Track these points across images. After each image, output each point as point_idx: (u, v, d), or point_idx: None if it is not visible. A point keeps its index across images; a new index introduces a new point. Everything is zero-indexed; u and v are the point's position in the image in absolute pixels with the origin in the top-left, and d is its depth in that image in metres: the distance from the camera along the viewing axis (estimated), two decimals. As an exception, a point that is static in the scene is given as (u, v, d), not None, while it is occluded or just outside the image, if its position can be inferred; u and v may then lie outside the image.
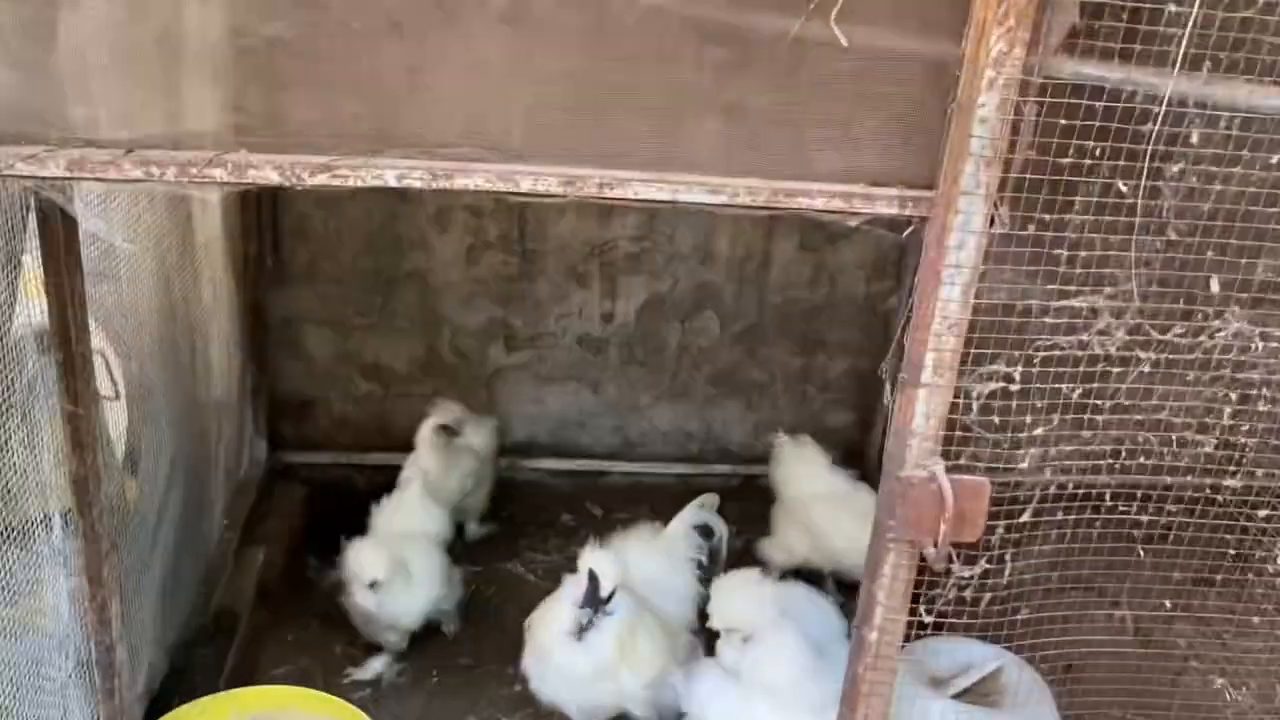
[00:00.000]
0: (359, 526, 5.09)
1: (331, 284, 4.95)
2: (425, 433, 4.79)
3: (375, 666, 4.23)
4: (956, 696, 3.16)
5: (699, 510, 4.26)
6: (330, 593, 4.74)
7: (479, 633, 4.48)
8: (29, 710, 2.62)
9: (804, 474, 4.70)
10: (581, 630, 3.40)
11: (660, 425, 5.25)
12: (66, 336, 2.65)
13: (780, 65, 1.92)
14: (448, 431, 4.80)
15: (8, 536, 2.51)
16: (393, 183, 1.89)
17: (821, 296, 5.22)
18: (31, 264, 2.58)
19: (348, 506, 5.21)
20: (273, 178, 1.87)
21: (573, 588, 3.45)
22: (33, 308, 2.64)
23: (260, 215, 4.66)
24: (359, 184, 1.89)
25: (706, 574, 4.12)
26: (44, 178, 1.84)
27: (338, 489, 5.25)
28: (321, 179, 1.87)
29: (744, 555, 4.99)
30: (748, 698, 3.22)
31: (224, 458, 4.47)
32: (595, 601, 3.37)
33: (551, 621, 3.51)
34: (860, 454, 5.44)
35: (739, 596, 3.37)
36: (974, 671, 3.21)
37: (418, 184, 1.89)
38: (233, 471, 4.71)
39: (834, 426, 5.40)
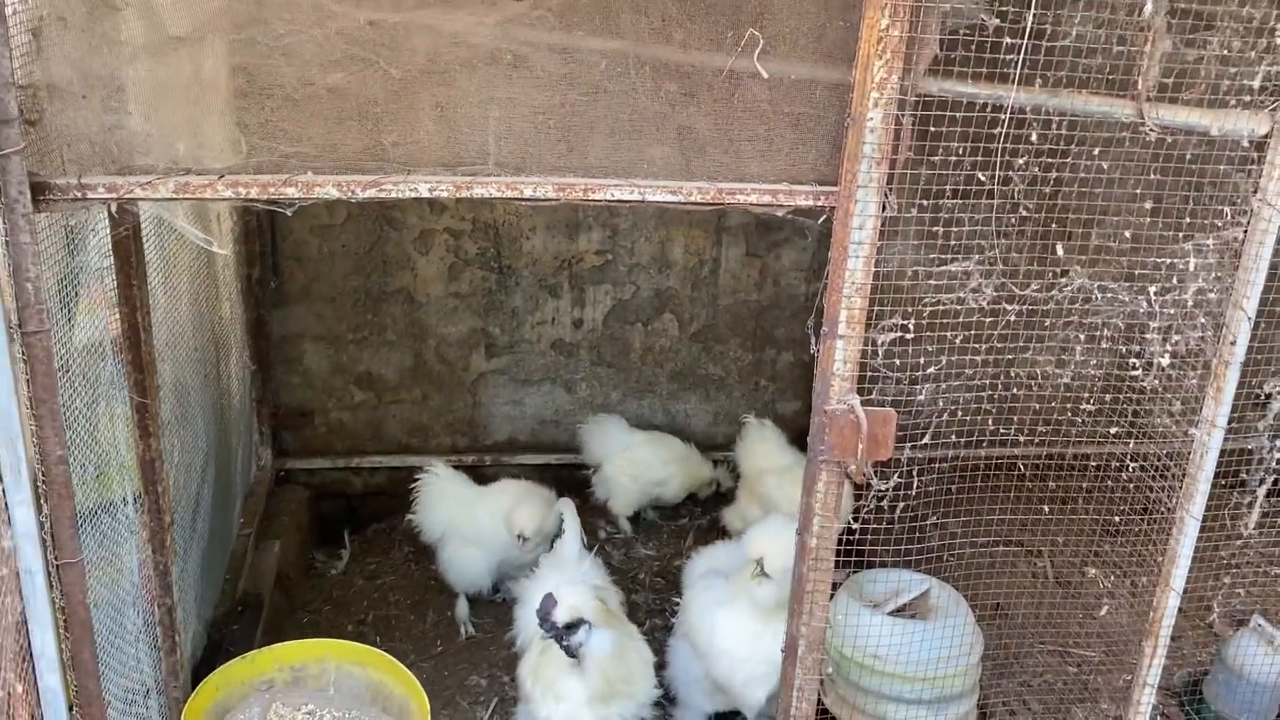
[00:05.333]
0: (357, 523, 5.66)
1: (326, 303, 5.47)
2: None
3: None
4: (891, 615, 3.74)
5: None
6: (336, 582, 5.27)
7: (477, 606, 5.01)
8: (116, 654, 3.11)
9: (760, 451, 5.30)
10: (573, 654, 3.59)
11: (628, 419, 5.80)
12: (135, 339, 3.17)
13: (718, 94, 2.52)
14: None
15: (103, 508, 3.02)
16: (425, 193, 2.46)
17: (767, 297, 5.84)
18: (87, 291, 3.11)
19: (346, 506, 5.77)
20: (333, 193, 2.43)
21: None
22: (97, 323, 3.16)
23: (262, 242, 5.18)
24: (399, 195, 2.45)
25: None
26: (156, 199, 2.39)
27: (336, 491, 5.77)
28: (371, 193, 2.44)
29: (710, 528, 5.60)
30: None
31: (240, 461, 4.97)
32: (554, 629, 3.55)
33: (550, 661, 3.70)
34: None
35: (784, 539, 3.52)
36: (905, 594, 3.79)
37: (445, 194, 2.46)
38: (245, 475, 5.20)
39: (784, 414, 6.00)
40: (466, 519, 4.86)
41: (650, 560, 5.47)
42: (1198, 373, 2.88)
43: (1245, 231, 2.73)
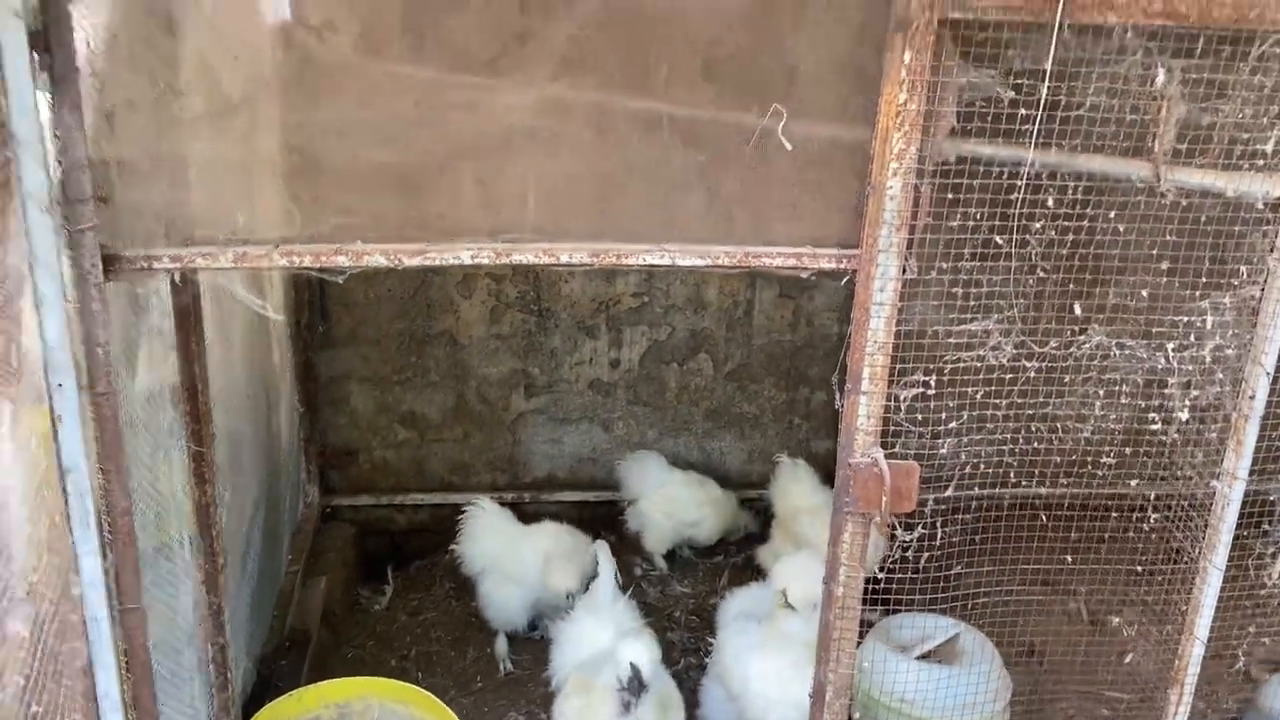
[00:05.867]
0: (400, 560, 5.81)
1: (372, 345, 5.65)
2: None
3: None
4: (920, 659, 3.81)
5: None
6: (379, 618, 5.41)
7: (516, 643, 5.12)
8: (172, 693, 3.26)
9: (794, 490, 5.38)
10: (628, 708, 3.73)
11: (665, 457, 5.91)
12: (193, 391, 3.34)
13: (746, 162, 2.64)
14: None
15: (160, 552, 3.18)
16: (467, 260, 2.60)
17: (800, 337, 5.94)
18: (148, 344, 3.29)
19: (390, 543, 5.92)
20: (381, 261, 2.58)
21: (613, 676, 3.76)
22: (157, 375, 3.34)
23: (310, 288, 5.37)
24: (443, 263, 2.60)
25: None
26: (217, 268, 2.55)
27: (380, 528, 5.93)
28: (417, 261, 2.58)
29: (745, 566, 5.68)
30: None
31: (288, 499, 5.14)
32: (639, 688, 3.72)
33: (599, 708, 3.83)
34: (844, 476, 6.12)
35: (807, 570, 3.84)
36: (933, 639, 3.86)
37: (486, 261, 2.60)
38: (292, 513, 5.37)
39: (818, 452, 6.08)
40: (509, 555, 5.01)
41: (686, 598, 5.56)
42: (1218, 426, 2.94)
43: (1262, 289, 2.81)
